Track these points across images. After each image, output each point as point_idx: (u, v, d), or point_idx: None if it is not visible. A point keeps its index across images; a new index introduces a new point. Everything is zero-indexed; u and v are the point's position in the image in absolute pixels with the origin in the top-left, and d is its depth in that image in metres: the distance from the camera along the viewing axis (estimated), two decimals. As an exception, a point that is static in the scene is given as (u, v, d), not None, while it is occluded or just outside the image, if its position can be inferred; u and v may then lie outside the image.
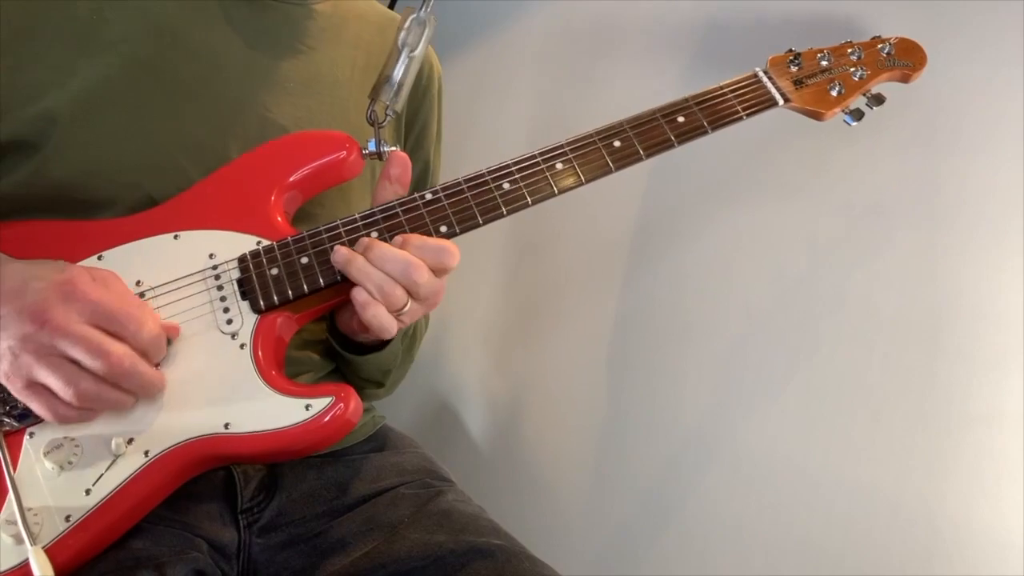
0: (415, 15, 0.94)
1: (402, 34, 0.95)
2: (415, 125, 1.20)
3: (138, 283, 0.89)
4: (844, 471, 1.20)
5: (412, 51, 0.95)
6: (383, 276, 0.87)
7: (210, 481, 0.96)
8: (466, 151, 1.34)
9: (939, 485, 1.13)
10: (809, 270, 1.24)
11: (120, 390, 0.83)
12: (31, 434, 0.85)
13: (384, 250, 0.88)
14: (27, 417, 0.85)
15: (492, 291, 1.57)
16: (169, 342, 0.87)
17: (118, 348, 0.81)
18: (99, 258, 0.90)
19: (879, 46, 1.07)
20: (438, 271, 0.90)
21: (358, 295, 0.88)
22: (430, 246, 0.89)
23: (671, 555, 1.33)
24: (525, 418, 1.52)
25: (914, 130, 1.17)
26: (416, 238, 0.90)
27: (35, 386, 0.80)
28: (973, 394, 1.11)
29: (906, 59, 1.07)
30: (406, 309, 0.89)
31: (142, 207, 0.94)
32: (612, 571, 1.38)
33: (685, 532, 1.32)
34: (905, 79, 1.08)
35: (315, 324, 1.06)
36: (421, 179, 1.23)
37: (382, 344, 1.04)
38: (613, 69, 1.45)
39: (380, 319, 0.88)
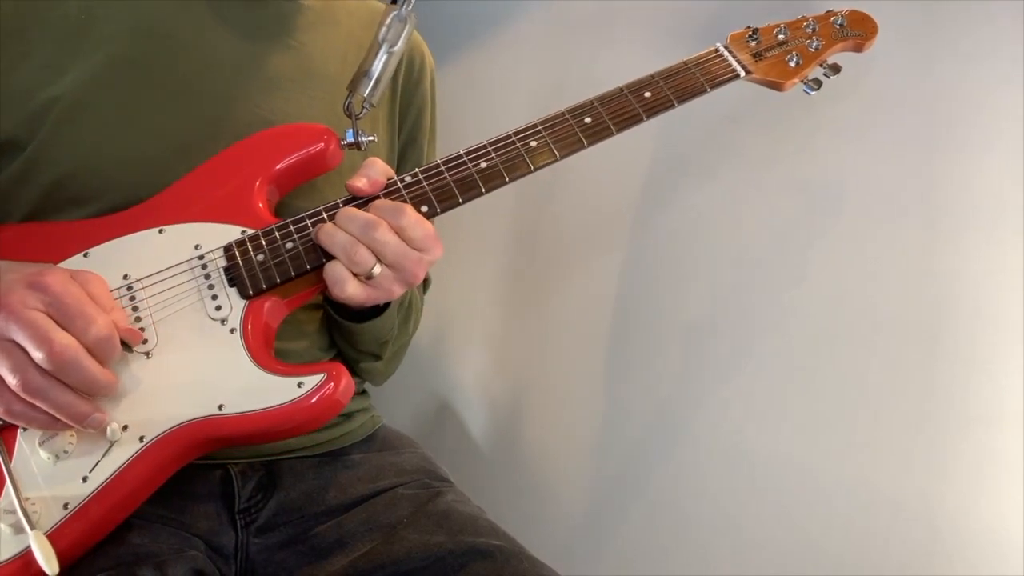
0: (396, 12, 0.97)
1: (382, 30, 0.96)
2: (408, 117, 1.22)
3: (125, 276, 0.90)
4: (844, 471, 1.20)
5: (392, 47, 0.96)
6: (347, 237, 0.89)
7: (208, 481, 0.96)
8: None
9: (939, 485, 1.13)
10: (809, 270, 1.26)
11: (67, 390, 0.80)
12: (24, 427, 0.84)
13: (346, 211, 0.91)
14: (20, 411, 0.85)
15: (490, 291, 1.58)
16: (130, 348, 0.87)
17: (63, 338, 0.78)
18: (85, 255, 0.91)
19: (832, 18, 1.11)
20: (398, 232, 0.90)
21: (327, 271, 0.90)
22: (387, 206, 0.91)
23: (671, 555, 1.33)
24: (524, 418, 1.51)
25: (914, 129, 1.20)
26: (378, 202, 0.92)
27: None
28: (973, 394, 1.13)
29: (858, 29, 1.11)
30: (375, 272, 0.89)
31: (132, 205, 0.95)
32: (612, 571, 1.37)
33: (685, 532, 1.32)
34: (858, 48, 1.12)
35: (307, 313, 1.07)
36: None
37: (378, 312, 1.05)
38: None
39: (350, 295, 0.90)
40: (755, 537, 1.27)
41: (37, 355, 0.77)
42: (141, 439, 0.84)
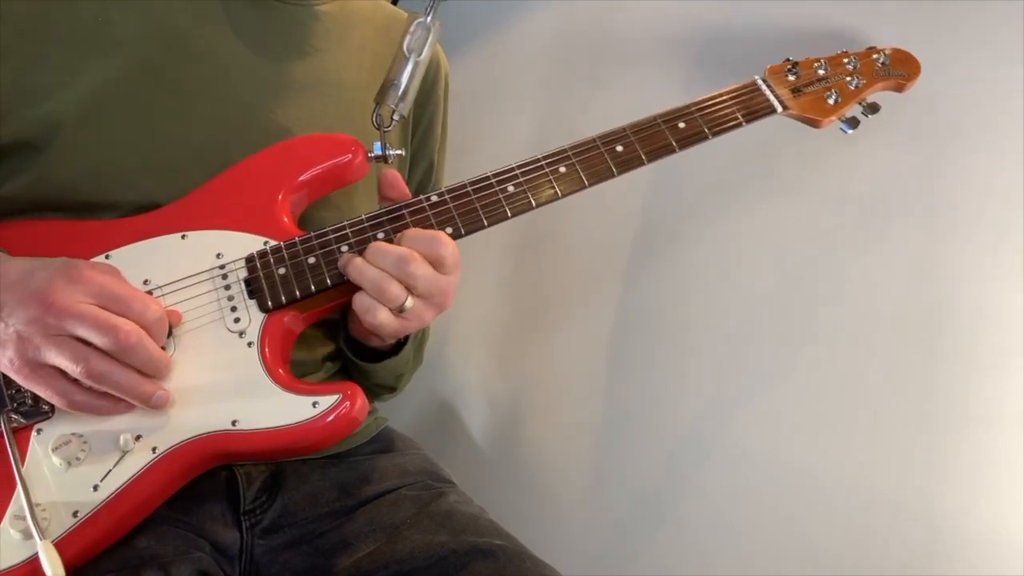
0: (420, 20, 0.95)
1: (407, 39, 0.95)
2: (421, 122, 1.21)
3: (145, 282, 0.90)
4: (844, 471, 1.20)
5: (418, 56, 0.95)
6: (378, 272, 0.88)
7: (213, 482, 0.96)
8: (471, 155, 1.34)
9: (939, 485, 1.13)
10: (809, 270, 1.25)
11: (130, 370, 0.83)
12: (38, 431, 0.85)
13: (379, 247, 0.90)
14: (35, 414, 0.85)
15: (493, 292, 1.58)
16: (171, 331, 0.88)
17: (125, 323, 0.81)
18: (106, 257, 0.91)
19: (874, 56, 1.09)
20: (434, 262, 0.90)
21: (356, 302, 0.89)
22: (422, 236, 0.90)
23: (671, 555, 1.34)
24: (526, 419, 1.52)
25: (913, 129, 1.18)
26: (410, 231, 0.91)
27: (44, 370, 0.81)
28: (973, 394, 1.11)
29: (900, 69, 1.08)
30: (407, 306, 0.89)
31: (147, 210, 0.95)
32: (612, 571, 1.38)
33: (685, 532, 1.33)
34: (899, 88, 1.10)
35: (320, 328, 1.07)
36: (425, 176, 1.24)
37: (394, 350, 1.05)
38: (616, 75, 1.46)
39: (381, 322, 0.89)
40: (755, 537, 1.27)
41: (103, 341, 0.80)
42: (153, 450, 0.85)
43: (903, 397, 1.16)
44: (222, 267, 0.92)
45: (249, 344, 0.90)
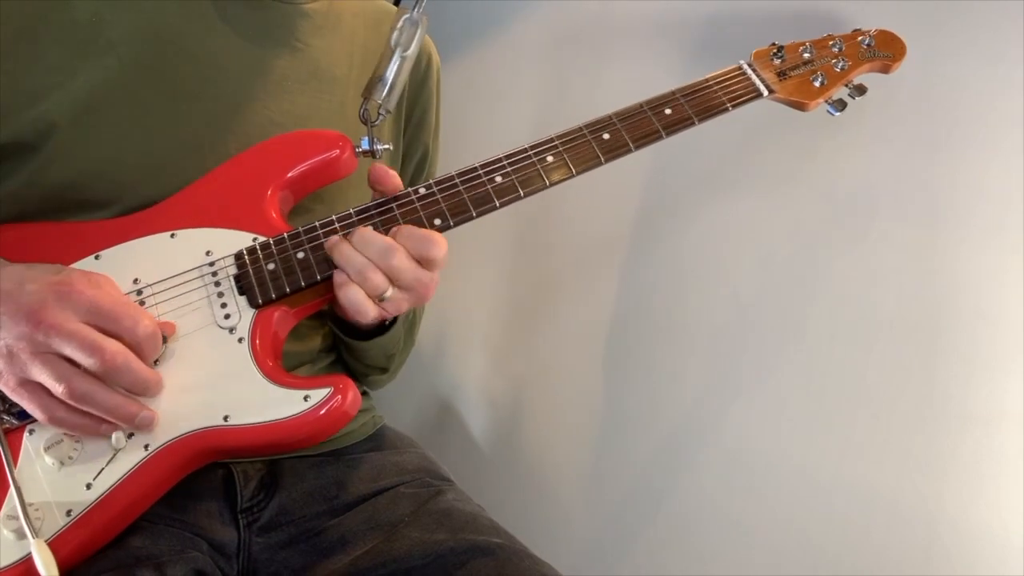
0: (408, 15, 0.95)
1: (395, 34, 0.95)
2: (414, 115, 1.22)
3: (135, 281, 0.90)
4: (843, 471, 1.20)
5: (405, 51, 0.95)
6: (363, 260, 0.88)
7: (210, 480, 0.96)
8: (464, 149, 1.34)
9: (938, 485, 1.13)
10: (808, 269, 1.25)
11: (114, 392, 0.82)
12: (31, 431, 0.85)
13: (366, 234, 0.90)
14: (27, 415, 0.84)
15: (491, 291, 1.58)
16: (165, 340, 0.88)
17: (112, 344, 0.80)
18: (96, 258, 0.91)
19: (859, 38, 1.09)
20: (425, 261, 0.91)
21: (335, 277, 0.90)
22: (416, 235, 0.90)
23: (670, 554, 1.33)
24: (525, 417, 1.52)
25: (913, 127, 1.18)
26: (406, 228, 0.92)
27: (28, 384, 0.80)
28: (972, 394, 1.11)
29: (886, 50, 1.09)
30: (388, 295, 0.90)
31: (142, 209, 0.95)
32: (611, 570, 1.38)
33: (684, 531, 1.32)
34: (885, 70, 1.10)
35: (312, 319, 1.07)
36: (419, 167, 1.24)
37: (383, 329, 1.05)
38: (605, 66, 1.47)
39: (354, 301, 0.89)
40: (754, 536, 1.27)
41: (89, 362, 0.79)
42: (146, 447, 0.85)
43: (902, 397, 1.16)
44: (211, 264, 0.92)
45: (239, 340, 0.89)
